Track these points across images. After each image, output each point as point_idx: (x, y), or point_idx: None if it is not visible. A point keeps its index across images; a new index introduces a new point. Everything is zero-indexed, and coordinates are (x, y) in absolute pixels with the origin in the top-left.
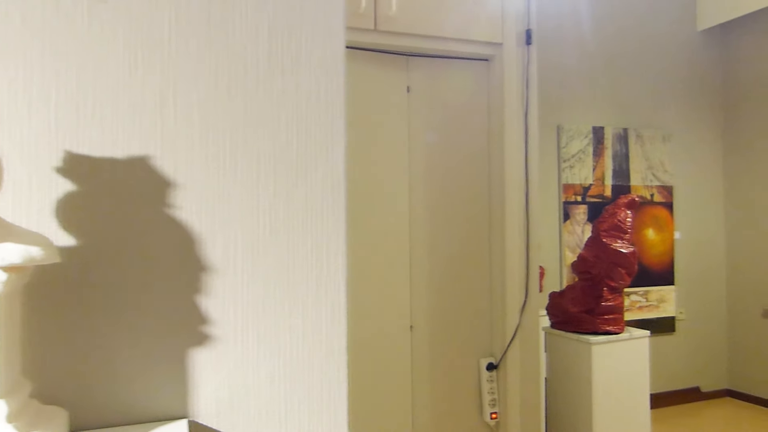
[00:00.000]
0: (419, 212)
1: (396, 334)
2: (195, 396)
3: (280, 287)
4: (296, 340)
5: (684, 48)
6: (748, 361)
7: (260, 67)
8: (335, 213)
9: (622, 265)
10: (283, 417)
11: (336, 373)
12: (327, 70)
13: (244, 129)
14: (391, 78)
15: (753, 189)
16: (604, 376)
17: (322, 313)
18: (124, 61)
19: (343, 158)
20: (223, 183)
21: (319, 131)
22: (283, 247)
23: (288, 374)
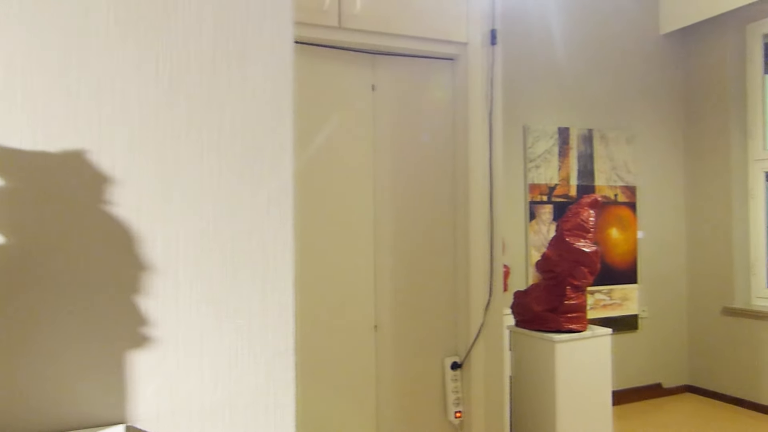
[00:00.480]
0: (384, 211)
1: (360, 334)
2: (133, 400)
3: (224, 287)
4: (241, 341)
5: (647, 51)
6: (708, 357)
7: (204, 60)
8: (282, 210)
9: (584, 264)
10: (227, 421)
11: (283, 375)
12: (275, 64)
13: (187, 123)
14: (356, 76)
15: (712, 189)
16: (568, 374)
17: (269, 313)
18: (58, 50)
19: (291, 155)
20: (164, 179)
21: (267, 126)
22: (227, 245)
23: (232, 376)
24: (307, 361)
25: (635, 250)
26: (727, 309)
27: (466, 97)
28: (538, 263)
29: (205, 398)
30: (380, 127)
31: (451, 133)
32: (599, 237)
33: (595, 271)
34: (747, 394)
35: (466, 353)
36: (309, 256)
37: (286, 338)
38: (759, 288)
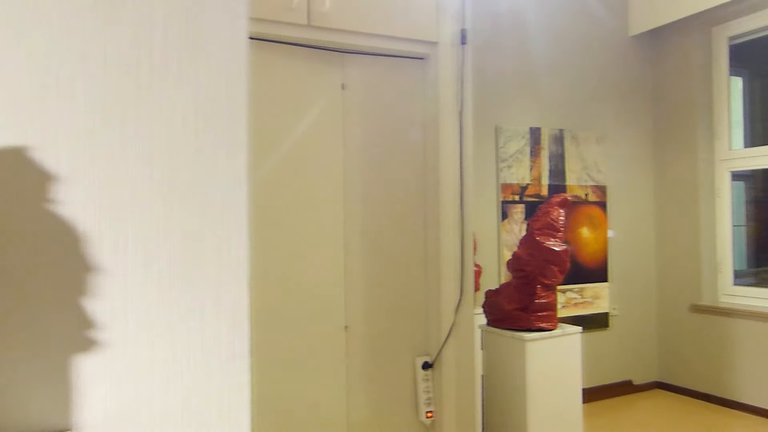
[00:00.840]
0: (354, 211)
1: (330, 335)
2: (79, 406)
3: (176, 288)
4: (194, 343)
5: (617, 52)
6: (677, 354)
7: (155, 54)
8: (237, 210)
9: (554, 262)
10: (179, 426)
11: (237, 378)
12: (228, 59)
13: (136, 118)
14: (326, 75)
15: (680, 189)
16: (538, 372)
17: (222, 315)
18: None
19: (246, 152)
20: (113, 176)
21: (220, 122)
22: (179, 245)
23: (185, 380)
24: (275, 363)
25: (606, 249)
26: (694, 306)
27: (436, 97)
28: (509, 262)
29: (156, 403)
30: (350, 126)
31: (422, 133)
32: (570, 236)
33: (565, 270)
34: (715, 389)
35: (437, 353)
36: (277, 256)
37: (241, 341)
38: (725, 285)
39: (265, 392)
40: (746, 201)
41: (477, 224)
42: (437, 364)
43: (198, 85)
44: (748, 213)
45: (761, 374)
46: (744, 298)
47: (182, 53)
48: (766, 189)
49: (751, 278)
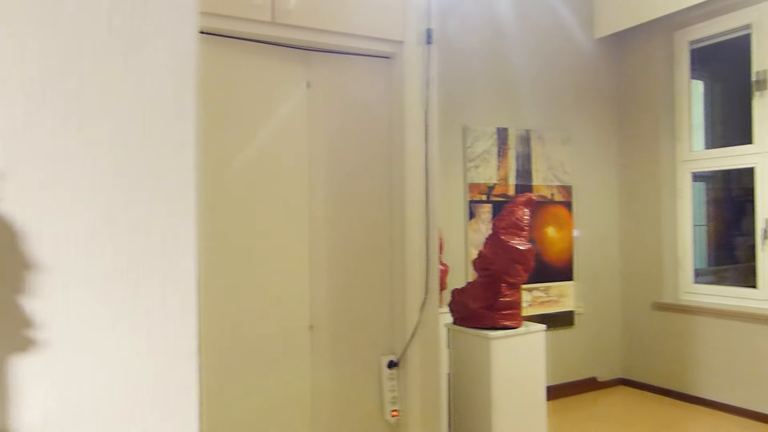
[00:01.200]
0: (319, 210)
1: (295, 335)
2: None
3: (121, 286)
4: (139, 342)
5: (582, 54)
6: (640, 351)
7: (98, 46)
8: (184, 205)
9: (519, 261)
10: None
11: (185, 378)
12: (176, 54)
13: (78, 112)
14: (290, 72)
15: (643, 189)
16: (503, 370)
17: (169, 313)
18: None
19: (194, 148)
20: (53, 171)
21: (167, 119)
22: (124, 241)
23: (130, 381)
24: (236, 364)
25: (571, 248)
26: (657, 304)
27: (402, 96)
28: (474, 261)
29: (99, 404)
30: (315, 125)
31: (388, 132)
32: (537, 235)
33: (530, 269)
34: (676, 385)
35: (403, 352)
36: (240, 254)
37: (188, 340)
38: (686, 283)
39: (226, 394)
40: (706, 201)
41: (444, 223)
42: (402, 363)
43: (144, 79)
44: (708, 213)
45: (720, 370)
46: (704, 295)
47: (128, 47)
48: (725, 189)
49: (711, 276)
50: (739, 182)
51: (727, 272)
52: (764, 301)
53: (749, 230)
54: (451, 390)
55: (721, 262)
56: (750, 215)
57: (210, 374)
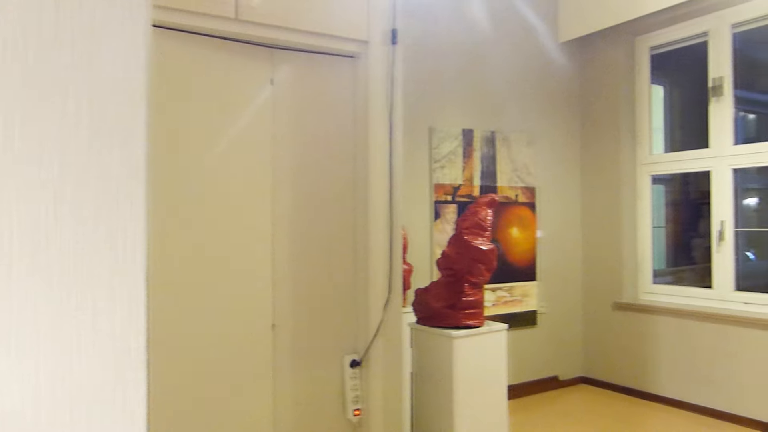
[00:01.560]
0: (283, 208)
1: (257, 333)
2: None
3: (65, 282)
4: (85, 339)
5: (547, 58)
6: (600, 349)
7: (43, 37)
8: (133, 200)
9: (481, 261)
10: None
11: (133, 375)
12: (126, 46)
13: (23, 105)
14: (254, 70)
15: (604, 191)
16: (465, 369)
17: (117, 309)
18: None
19: (144, 142)
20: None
21: (116, 112)
22: (69, 237)
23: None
24: (196, 362)
25: (535, 249)
26: (617, 304)
27: (366, 96)
28: (438, 261)
29: (42, 403)
30: (279, 122)
31: (352, 131)
32: (501, 236)
33: (492, 269)
34: (636, 383)
35: (366, 351)
36: (200, 253)
37: (137, 335)
38: (645, 284)
39: (183, 394)
40: (665, 203)
41: (410, 224)
42: (365, 362)
43: (92, 71)
44: (666, 215)
45: (677, 368)
46: (662, 295)
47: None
48: (683, 192)
49: (669, 277)
50: (696, 185)
51: (684, 273)
52: (719, 301)
53: (705, 232)
54: (413, 389)
55: (679, 263)
56: (706, 218)
57: (166, 374)
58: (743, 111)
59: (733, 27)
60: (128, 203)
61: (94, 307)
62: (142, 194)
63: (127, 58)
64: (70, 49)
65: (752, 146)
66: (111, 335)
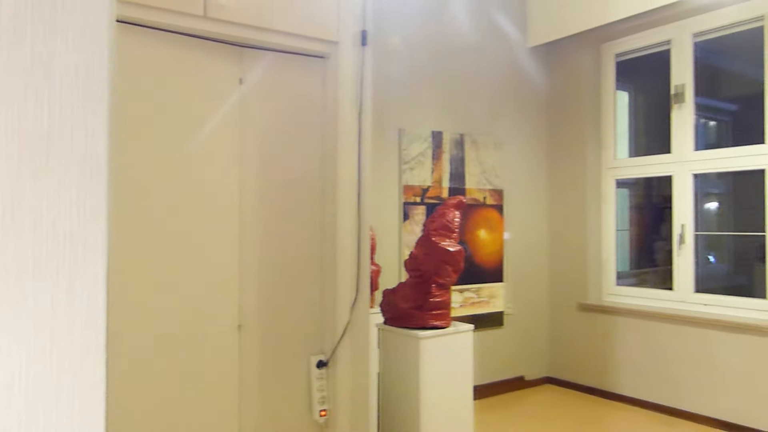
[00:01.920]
0: (250, 207)
1: (222, 334)
2: None
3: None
4: (42, 339)
5: (516, 62)
6: (566, 350)
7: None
8: (93, 199)
9: (449, 262)
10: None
11: (92, 374)
12: (87, 43)
13: None
14: (223, 68)
15: (570, 194)
16: (432, 369)
17: (76, 307)
18: None
19: (105, 140)
20: None
21: (76, 110)
22: (28, 234)
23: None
24: (163, 363)
25: (502, 251)
26: (581, 305)
27: (336, 97)
28: (406, 262)
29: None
30: (248, 122)
31: (321, 132)
32: (469, 238)
33: (459, 270)
34: (599, 383)
35: (332, 351)
36: (165, 253)
37: (96, 335)
38: (609, 285)
39: (146, 395)
40: (629, 207)
41: (379, 225)
42: (332, 363)
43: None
44: (630, 218)
45: (639, 368)
46: (625, 297)
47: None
48: (647, 196)
49: (632, 279)
50: (659, 189)
51: (647, 275)
52: (679, 302)
53: (668, 235)
54: (380, 389)
55: (642, 265)
56: (668, 221)
57: (129, 375)
58: (704, 118)
59: (694, 36)
60: (89, 201)
61: (53, 307)
62: (103, 193)
63: (88, 55)
64: (30, 45)
65: (712, 152)
66: (70, 335)
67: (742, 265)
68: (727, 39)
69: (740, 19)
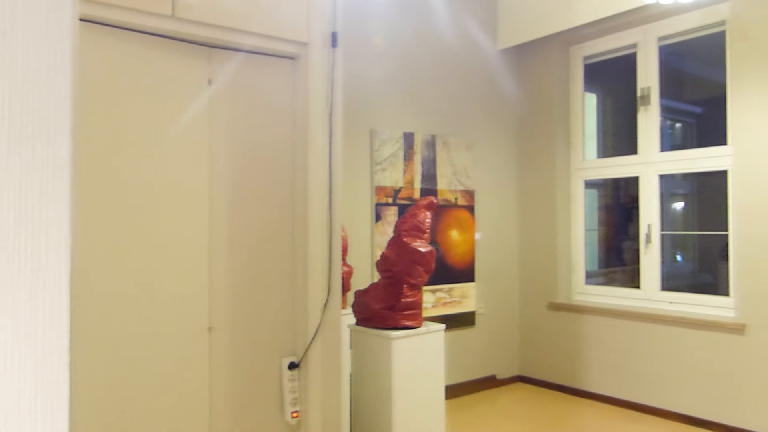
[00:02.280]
0: (220, 209)
1: (192, 337)
2: None
3: None
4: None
5: (486, 64)
6: (536, 348)
7: None
8: (56, 201)
9: (420, 263)
10: None
11: (55, 377)
12: (49, 44)
13: None
14: (191, 69)
15: (540, 195)
16: (404, 369)
17: (39, 309)
18: None
19: (68, 141)
20: None
21: (39, 111)
22: None
23: None
24: (132, 366)
25: (473, 251)
26: (551, 304)
27: (306, 98)
28: (377, 263)
29: None
30: (217, 123)
31: (292, 133)
32: (441, 238)
33: (430, 270)
34: (568, 380)
35: (304, 353)
36: (133, 254)
37: (59, 338)
38: (578, 284)
39: (118, 400)
40: (598, 207)
41: (351, 226)
42: (304, 364)
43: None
44: (599, 218)
45: (607, 365)
46: (594, 296)
47: None
48: (615, 197)
49: (601, 278)
50: (626, 190)
51: (615, 274)
52: (646, 301)
53: (635, 235)
54: (352, 390)
55: (610, 264)
56: (635, 221)
57: (97, 378)
58: (670, 120)
59: (659, 40)
60: (51, 204)
61: (15, 310)
62: (66, 195)
63: (50, 54)
64: None
65: (677, 153)
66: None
67: (706, 264)
68: (690, 43)
69: (703, 24)
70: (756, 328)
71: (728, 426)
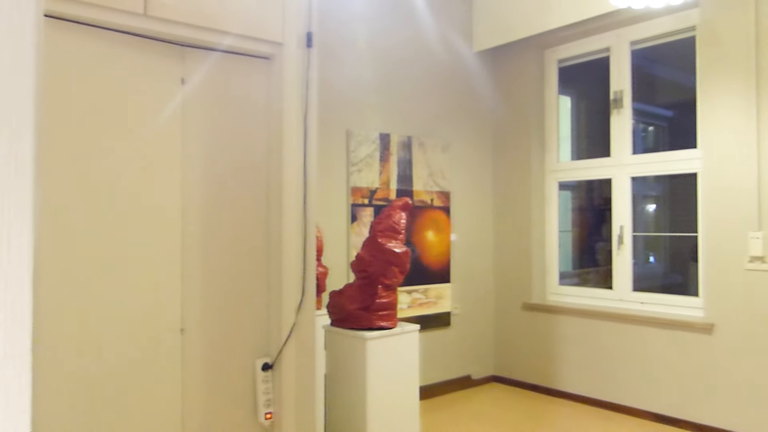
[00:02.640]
0: (193, 209)
1: (163, 338)
2: None
3: None
4: None
5: (462, 66)
6: (511, 349)
7: None
8: (18, 200)
9: (395, 263)
10: None
11: (16, 380)
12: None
13: None
14: (163, 68)
15: (515, 197)
16: (378, 370)
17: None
18: None
19: (31, 139)
20: None
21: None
22: None
23: None
24: (103, 368)
25: (449, 252)
26: (526, 304)
27: (281, 98)
28: (352, 263)
29: None
30: (190, 123)
31: (266, 133)
32: (417, 239)
33: (405, 271)
34: (542, 380)
35: (278, 354)
36: (104, 257)
37: (21, 340)
38: (552, 285)
39: (88, 402)
40: (572, 209)
41: (327, 226)
42: (277, 365)
43: None
44: (573, 220)
45: (580, 365)
46: (568, 296)
47: None
48: (588, 198)
49: (575, 279)
50: (600, 192)
51: (588, 275)
52: (618, 301)
53: (608, 236)
54: (327, 391)
55: (584, 265)
56: (608, 222)
57: (66, 380)
58: (642, 123)
59: (631, 44)
60: (13, 204)
61: None
62: (28, 194)
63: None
64: None
65: (648, 156)
66: None
67: (676, 265)
68: (662, 47)
69: (674, 29)
70: (724, 328)
71: (698, 424)
